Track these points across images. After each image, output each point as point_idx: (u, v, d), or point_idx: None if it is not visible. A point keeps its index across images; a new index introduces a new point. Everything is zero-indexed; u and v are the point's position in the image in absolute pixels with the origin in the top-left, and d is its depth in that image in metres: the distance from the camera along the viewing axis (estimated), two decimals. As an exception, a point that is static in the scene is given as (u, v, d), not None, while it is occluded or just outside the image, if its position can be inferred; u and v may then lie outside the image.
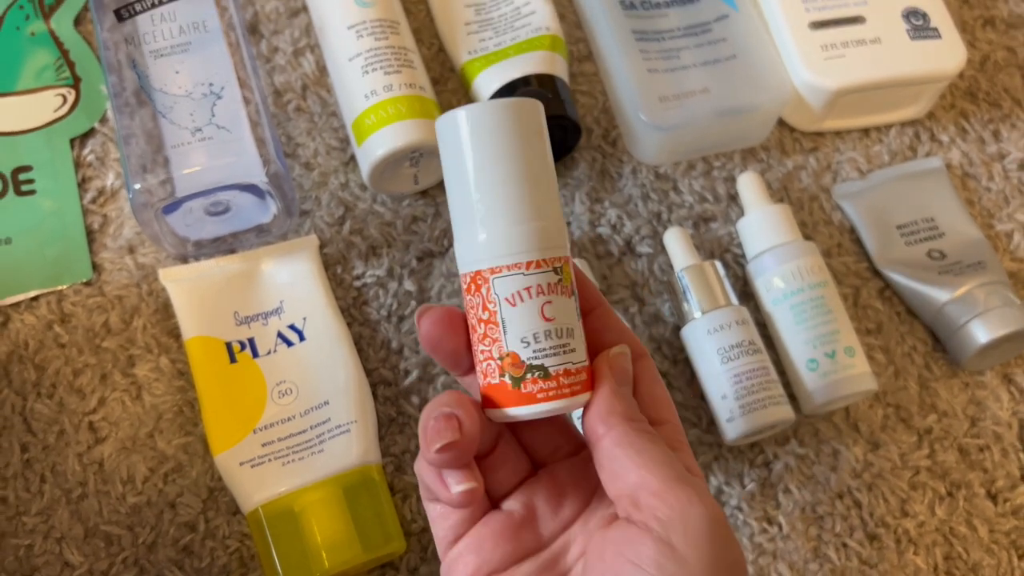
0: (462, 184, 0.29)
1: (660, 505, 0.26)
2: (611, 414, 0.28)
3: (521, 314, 0.28)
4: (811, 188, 0.49)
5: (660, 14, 0.49)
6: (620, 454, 0.28)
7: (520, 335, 0.28)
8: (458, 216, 0.29)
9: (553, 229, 0.29)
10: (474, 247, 0.29)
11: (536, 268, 0.28)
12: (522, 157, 0.28)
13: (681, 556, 0.26)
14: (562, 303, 0.29)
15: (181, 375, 0.43)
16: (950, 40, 0.49)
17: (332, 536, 0.38)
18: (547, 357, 0.28)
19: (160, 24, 0.43)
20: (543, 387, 0.28)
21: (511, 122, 0.28)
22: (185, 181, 0.40)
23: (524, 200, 0.28)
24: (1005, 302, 0.44)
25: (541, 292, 0.28)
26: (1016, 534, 0.43)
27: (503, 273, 0.28)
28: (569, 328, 0.29)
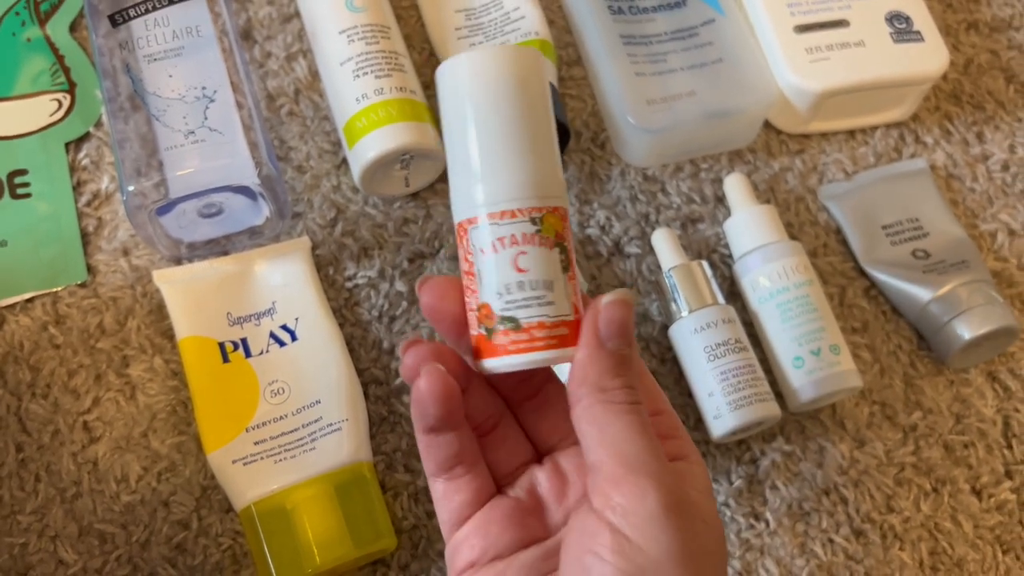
0: (449, 134, 0.29)
1: (615, 493, 0.26)
2: (582, 382, 0.27)
3: (494, 264, 0.28)
4: (797, 189, 0.50)
5: (647, 19, 0.50)
6: (584, 429, 0.27)
7: (493, 286, 0.28)
8: (450, 166, 0.29)
9: (533, 179, 0.28)
10: (456, 197, 0.29)
11: (510, 218, 0.28)
12: (501, 106, 0.28)
13: (638, 547, 0.25)
14: (539, 254, 0.28)
15: (175, 375, 0.43)
16: (933, 43, 0.49)
17: (324, 533, 0.38)
18: (519, 308, 0.28)
19: (154, 29, 0.43)
20: (514, 339, 0.28)
21: (492, 72, 0.28)
22: (178, 183, 0.41)
23: (499, 150, 0.28)
24: (988, 300, 0.44)
25: (515, 242, 0.28)
26: (1000, 529, 0.43)
27: (477, 223, 0.28)
28: (547, 280, 0.28)
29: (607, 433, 0.26)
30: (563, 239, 0.29)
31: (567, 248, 0.29)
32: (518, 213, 0.28)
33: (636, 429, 0.27)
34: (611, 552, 0.25)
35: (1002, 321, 0.44)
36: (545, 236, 0.28)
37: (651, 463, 0.26)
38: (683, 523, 0.25)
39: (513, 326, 0.28)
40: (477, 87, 0.28)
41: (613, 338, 0.28)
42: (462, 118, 0.28)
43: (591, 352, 0.27)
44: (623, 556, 0.25)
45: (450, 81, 0.29)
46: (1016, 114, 0.53)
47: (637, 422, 0.27)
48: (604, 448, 0.26)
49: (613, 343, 0.28)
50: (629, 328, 0.28)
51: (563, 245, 0.29)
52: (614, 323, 0.28)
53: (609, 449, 0.26)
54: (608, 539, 0.25)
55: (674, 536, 0.25)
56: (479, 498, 0.30)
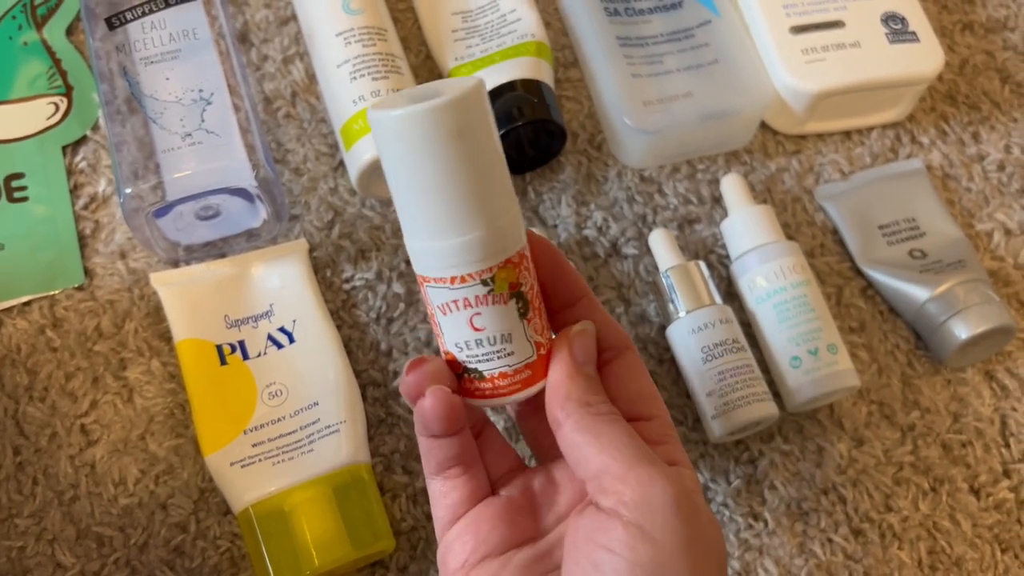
0: (394, 187, 0.28)
1: (624, 488, 0.26)
2: (567, 400, 0.28)
3: (452, 323, 0.29)
4: (794, 190, 0.50)
5: (644, 20, 0.50)
6: (580, 441, 0.28)
7: (453, 340, 0.29)
8: (402, 222, 0.29)
9: (480, 240, 0.27)
10: (411, 249, 0.29)
11: (461, 283, 0.28)
12: (448, 166, 0.26)
13: (651, 536, 0.26)
14: (493, 312, 0.28)
15: (172, 378, 0.43)
16: (928, 44, 0.50)
17: (322, 535, 0.38)
18: (480, 362, 0.29)
19: (150, 32, 0.43)
20: (479, 387, 0.30)
21: (432, 130, 0.26)
22: (175, 185, 0.41)
23: (449, 213, 0.27)
24: (985, 299, 0.45)
25: (468, 305, 0.28)
26: (999, 528, 0.43)
27: (432, 284, 0.29)
28: (504, 334, 0.28)
29: (605, 439, 0.28)
30: (518, 287, 0.28)
31: (524, 293, 0.29)
32: (468, 278, 0.28)
33: (629, 433, 0.28)
34: (624, 546, 0.26)
35: (999, 320, 0.44)
36: (498, 294, 0.28)
37: (651, 457, 0.27)
38: (692, 514, 0.26)
39: (477, 376, 0.29)
40: (409, 150, 0.26)
41: (588, 363, 0.30)
42: (399, 178, 0.27)
43: (571, 374, 0.29)
44: (636, 549, 0.26)
45: (382, 137, 0.27)
46: (1011, 114, 0.53)
47: (627, 428, 0.28)
48: (606, 452, 0.27)
49: (588, 367, 0.30)
50: (596, 354, 0.30)
51: (519, 293, 0.28)
52: (586, 350, 0.30)
53: (611, 452, 0.27)
54: (620, 533, 0.26)
55: (685, 526, 0.26)
56: (474, 497, 0.31)
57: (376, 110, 0.26)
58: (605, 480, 0.27)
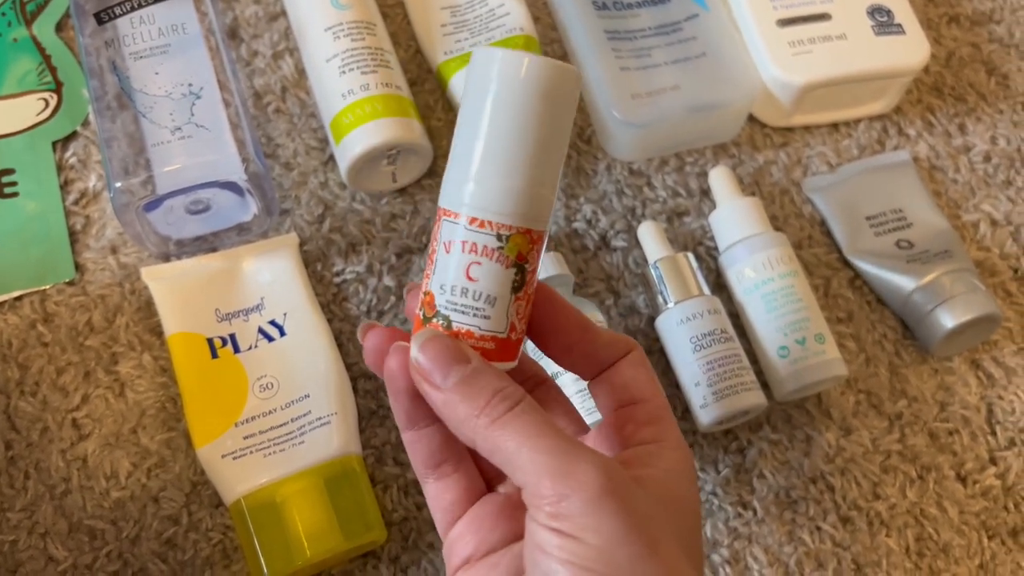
0: (461, 122, 0.28)
1: (543, 503, 0.26)
2: (458, 427, 0.27)
3: (450, 263, 0.28)
4: (782, 182, 0.50)
5: (632, 14, 0.50)
6: (494, 461, 0.27)
7: (441, 281, 0.28)
8: (452, 149, 0.29)
9: (514, 197, 0.28)
10: (446, 183, 0.29)
11: (477, 227, 0.28)
12: (513, 117, 0.27)
13: (579, 541, 0.25)
14: (493, 270, 0.28)
15: (163, 372, 0.43)
16: (914, 36, 0.50)
17: (314, 525, 0.38)
18: (455, 311, 0.28)
19: (139, 27, 0.44)
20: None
21: (518, 77, 0.27)
22: (165, 179, 0.41)
23: (493, 159, 0.27)
24: (970, 288, 0.45)
25: (474, 251, 0.28)
26: (985, 515, 0.44)
27: (450, 218, 0.28)
28: (491, 296, 0.28)
29: (508, 455, 0.26)
30: (524, 260, 0.28)
31: (526, 270, 0.29)
32: (487, 225, 0.28)
33: (531, 433, 0.26)
34: (559, 549, 0.25)
35: (984, 308, 0.44)
36: (505, 255, 0.28)
37: (562, 459, 0.26)
38: (616, 504, 0.25)
39: (445, 324, 0.28)
40: (499, 88, 0.27)
41: (438, 377, 0.27)
42: (477, 112, 0.28)
43: (438, 403, 0.27)
44: (569, 551, 0.25)
45: (479, 71, 0.28)
46: (997, 106, 0.54)
47: (527, 424, 0.26)
48: (516, 469, 0.26)
49: (447, 380, 0.27)
50: (444, 357, 0.27)
51: (522, 266, 0.28)
52: (420, 369, 0.28)
53: (521, 468, 0.26)
54: (554, 540, 0.25)
55: (610, 520, 0.25)
56: (469, 496, 0.31)
57: (490, 49, 0.28)
58: (525, 495, 0.26)
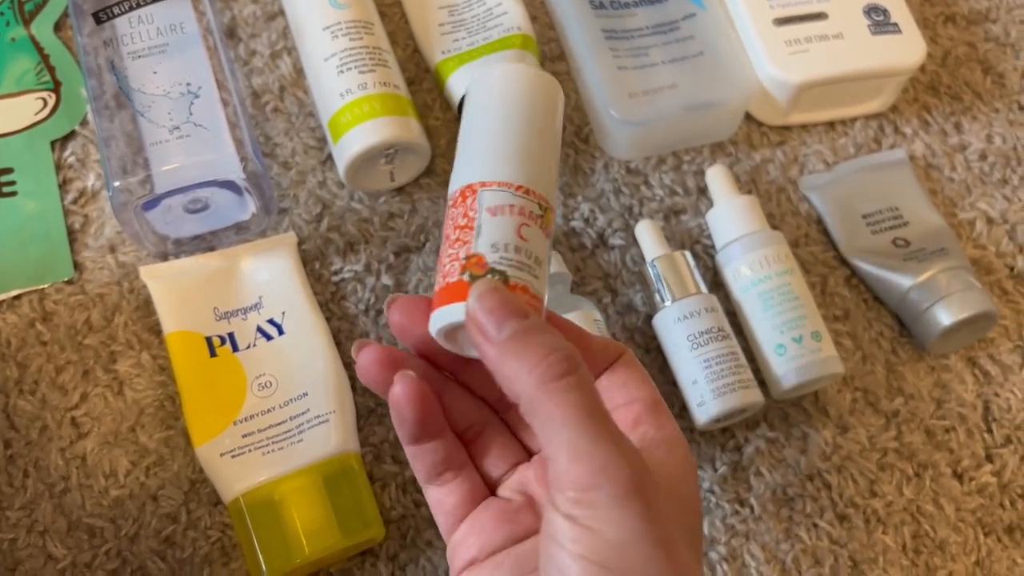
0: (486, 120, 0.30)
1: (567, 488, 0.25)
2: (512, 382, 0.26)
3: (499, 224, 0.28)
4: (778, 180, 0.50)
5: (629, 13, 0.51)
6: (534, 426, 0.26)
7: (491, 241, 0.28)
8: (467, 150, 0.30)
9: (546, 181, 0.30)
10: (472, 167, 0.30)
11: (525, 194, 0.29)
12: (545, 118, 0.30)
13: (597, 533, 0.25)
14: (538, 235, 0.29)
15: (162, 370, 0.43)
16: (910, 35, 0.50)
17: (312, 523, 0.38)
18: (511, 267, 0.28)
19: (138, 26, 0.44)
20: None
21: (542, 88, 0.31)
22: (164, 178, 0.41)
23: (535, 148, 0.30)
24: (967, 286, 0.45)
25: (523, 214, 0.29)
26: (982, 512, 0.44)
27: (492, 187, 0.29)
28: (538, 257, 0.29)
29: (550, 426, 0.25)
30: (550, 236, 0.30)
31: (551, 246, 0.30)
32: (533, 194, 0.29)
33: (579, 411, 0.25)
34: (573, 542, 0.25)
35: (981, 306, 0.45)
36: (546, 224, 0.29)
37: (602, 448, 0.25)
38: (642, 505, 0.25)
39: (502, 278, 0.28)
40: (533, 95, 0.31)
41: (492, 329, 0.26)
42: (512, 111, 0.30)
43: (490, 356, 0.26)
44: (584, 545, 0.25)
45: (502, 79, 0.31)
46: (993, 105, 0.54)
47: (577, 400, 0.25)
48: (553, 443, 0.25)
49: (501, 332, 0.26)
50: (501, 309, 0.26)
51: (551, 242, 0.30)
52: (476, 319, 0.26)
53: (558, 444, 0.25)
54: (569, 530, 0.25)
55: (633, 519, 0.25)
56: (471, 498, 0.31)
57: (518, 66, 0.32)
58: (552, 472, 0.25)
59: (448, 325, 0.28)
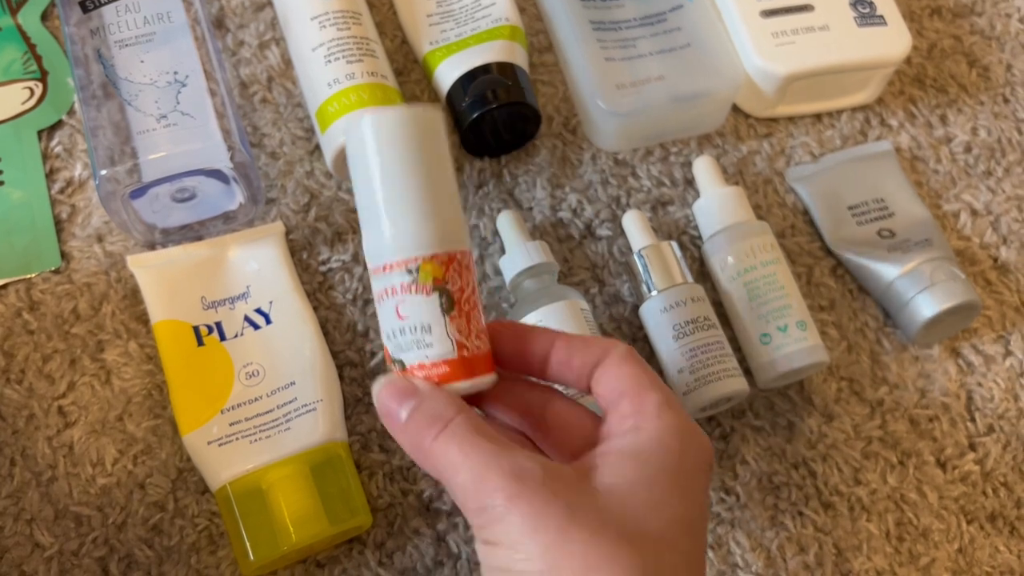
0: (356, 192, 0.32)
1: (470, 519, 0.30)
2: (414, 453, 0.31)
3: (384, 312, 0.31)
4: (765, 172, 0.51)
5: (616, 4, 0.51)
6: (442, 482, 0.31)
7: (385, 332, 0.31)
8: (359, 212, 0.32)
9: (407, 233, 0.30)
10: (364, 247, 0.32)
11: (388, 271, 0.31)
12: (379, 167, 0.30)
13: (505, 548, 0.28)
14: (415, 301, 0.30)
15: (150, 359, 0.43)
16: (895, 27, 0.50)
17: (299, 511, 0.39)
18: (403, 351, 0.31)
19: (124, 15, 0.44)
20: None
21: (380, 134, 0.30)
22: (151, 167, 0.41)
23: (371, 209, 0.31)
24: (950, 277, 0.45)
25: (395, 292, 0.31)
26: (964, 500, 0.44)
27: (374, 274, 0.31)
28: (424, 325, 0.30)
29: (442, 476, 0.30)
30: (444, 283, 0.31)
31: (450, 291, 0.31)
32: (394, 266, 0.30)
33: (457, 451, 0.29)
34: (490, 560, 0.29)
35: (964, 296, 0.45)
36: (422, 284, 0.30)
37: (480, 473, 0.29)
38: (526, 507, 0.28)
39: (400, 367, 0.31)
40: (361, 148, 0.30)
41: (394, 417, 0.31)
42: (354, 177, 0.31)
43: (399, 440, 0.31)
44: (500, 561, 0.29)
45: (350, 138, 0.31)
46: (978, 97, 0.54)
47: (452, 443, 0.30)
48: (450, 491, 0.30)
49: (400, 417, 0.31)
50: (394, 396, 0.31)
51: (444, 288, 0.31)
52: (381, 413, 0.31)
53: (450, 490, 0.30)
54: (488, 553, 0.29)
55: (522, 521, 0.28)
56: None
57: (351, 113, 0.32)
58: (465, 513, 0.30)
59: None
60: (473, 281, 0.31)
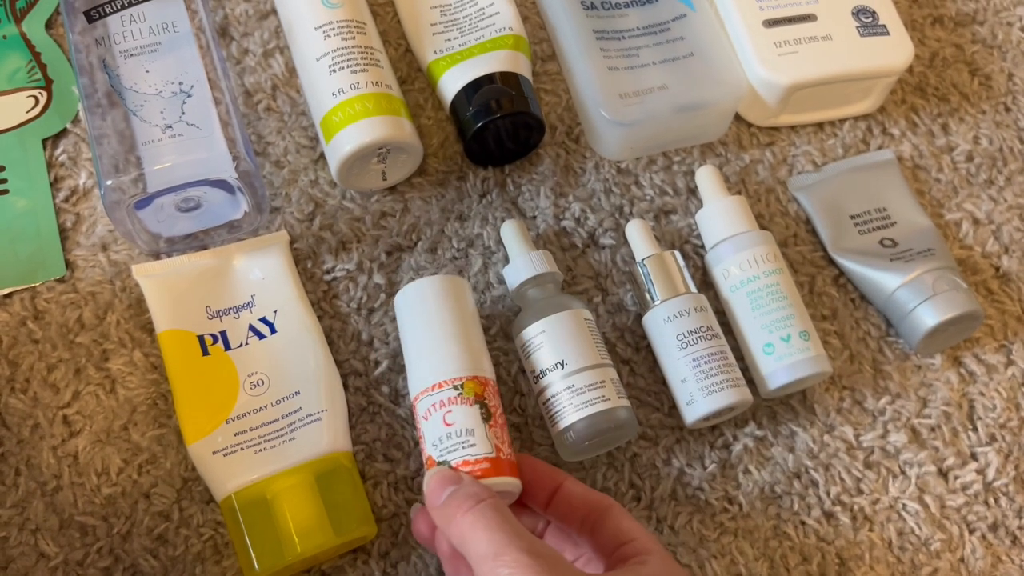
0: (402, 340, 0.41)
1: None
2: (445, 529, 0.35)
3: (431, 424, 0.38)
4: (768, 181, 0.51)
5: (620, 14, 0.51)
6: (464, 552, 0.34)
7: (431, 440, 0.38)
8: (406, 365, 0.41)
9: (453, 359, 0.39)
10: (410, 383, 0.40)
11: (439, 388, 0.38)
12: (425, 319, 0.40)
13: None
14: (461, 411, 0.38)
15: (154, 368, 0.43)
16: (898, 37, 0.51)
17: (304, 521, 0.39)
18: (449, 453, 0.37)
19: (130, 25, 0.44)
20: None
21: (417, 295, 0.41)
22: (156, 177, 0.41)
23: (428, 347, 0.40)
24: (953, 286, 0.46)
25: (443, 405, 0.38)
26: (966, 510, 0.44)
27: (420, 397, 0.39)
28: (468, 428, 0.37)
29: (463, 545, 0.34)
30: (483, 398, 0.38)
31: (488, 404, 0.38)
32: (443, 384, 0.38)
33: (481, 525, 0.33)
34: None
35: (967, 306, 0.45)
36: (466, 396, 0.38)
37: (499, 546, 0.32)
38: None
39: (447, 465, 0.37)
40: (410, 307, 0.41)
41: (435, 500, 0.36)
42: (403, 328, 0.41)
43: (435, 519, 0.36)
44: None
45: (397, 304, 0.42)
46: (980, 106, 0.54)
47: (479, 518, 0.34)
48: (468, 556, 0.34)
49: (440, 499, 0.36)
50: (440, 483, 0.36)
51: (483, 402, 0.38)
52: (426, 498, 0.36)
53: (467, 555, 0.34)
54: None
55: None
56: None
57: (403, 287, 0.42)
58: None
59: None
60: (501, 406, 0.39)
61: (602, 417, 0.40)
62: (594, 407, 0.40)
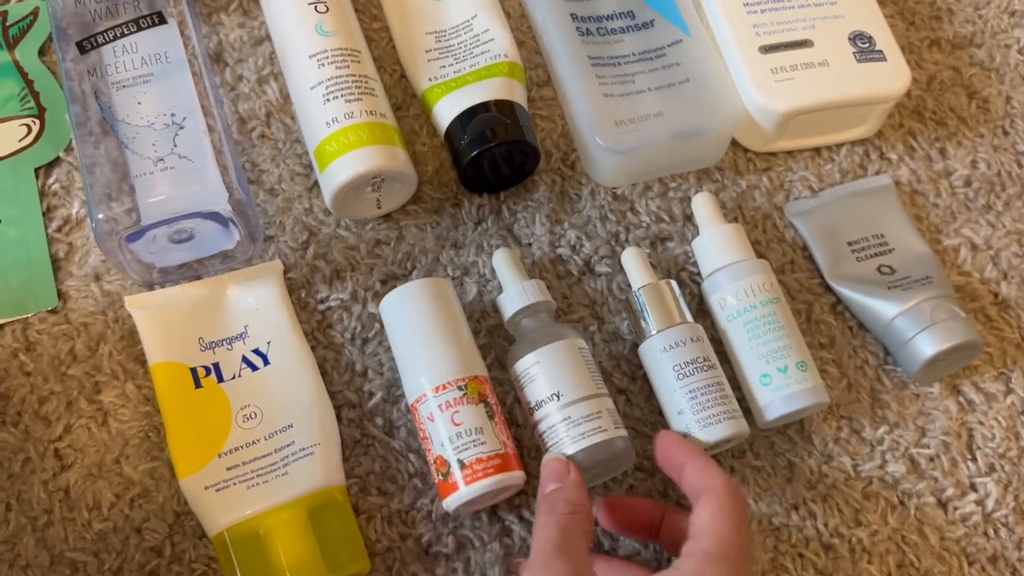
0: (394, 345, 0.43)
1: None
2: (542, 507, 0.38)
3: (438, 425, 0.39)
4: (764, 207, 0.51)
5: (616, 40, 0.51)
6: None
7: (440, 441, 0.39)
8: (400, 370, 0.42)
9: (453, 361, 0.40)
10: (406, 387, 0.41)
11: (443, 390, 0.40)
12: (417, 322, 0.41)
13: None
14: (468, 411, 0.39)
15: (147, 401, 0.43)
16: (895, 62, 0.50)
17: (297, 557, 0.38)
18: (461, 452, 0.39)
19: (122, 56, 0.44)
20: (463, 475, 0.39)
21: (406, 300, 0.42)
22: (148, 210, 0.41)
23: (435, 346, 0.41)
24: (951, 315, 0.45)
25: (449, 406, 0.39)
26: (966, 541, 0.44)
27: (422, 400, 0.40)
28: (477, 427, 0.39)
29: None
30: (485, 396, 0.40)
31: (490, 403, 0.40)
32: (448, 385, 0.40)
33: (547, 538, 0.36)
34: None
35: (965, 336, 0.45)
36: (471, 396, 0.40)
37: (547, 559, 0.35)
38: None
39: (460, 465, 0.39)
40: (398, 312, 0.42)
41: (547, 487, 0.39)
42: (394, 334, 0.42)
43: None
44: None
45: (384, 311, 0.43)
46: (978, 130, 0.54)
47: (553, 530, 0.36)
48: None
49: (547, 488, 0.39)
50: (553, 472, 0.39)
51: (486, 401, 0.40)
52: (545, 478, 0.39)
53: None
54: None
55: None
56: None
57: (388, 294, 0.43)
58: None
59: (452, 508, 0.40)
60: (497, 402, 0.41)
61: (599, 448, 0.40)
62: (591, 438, 0.40)
